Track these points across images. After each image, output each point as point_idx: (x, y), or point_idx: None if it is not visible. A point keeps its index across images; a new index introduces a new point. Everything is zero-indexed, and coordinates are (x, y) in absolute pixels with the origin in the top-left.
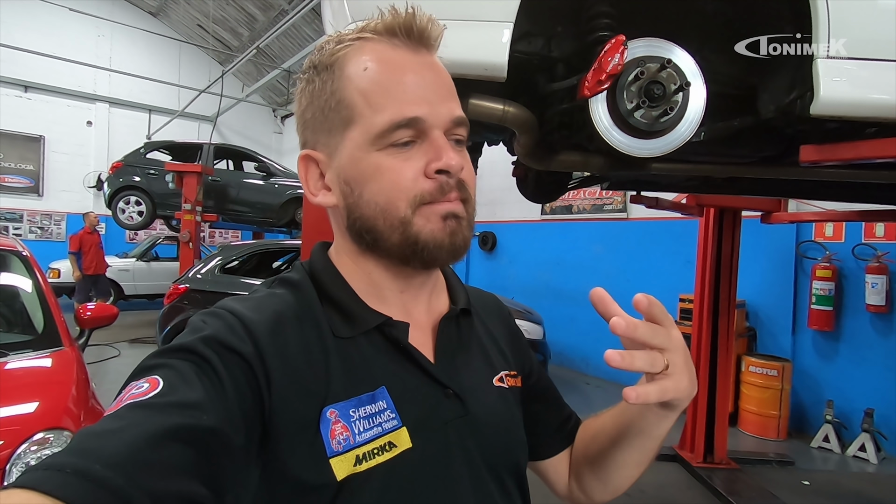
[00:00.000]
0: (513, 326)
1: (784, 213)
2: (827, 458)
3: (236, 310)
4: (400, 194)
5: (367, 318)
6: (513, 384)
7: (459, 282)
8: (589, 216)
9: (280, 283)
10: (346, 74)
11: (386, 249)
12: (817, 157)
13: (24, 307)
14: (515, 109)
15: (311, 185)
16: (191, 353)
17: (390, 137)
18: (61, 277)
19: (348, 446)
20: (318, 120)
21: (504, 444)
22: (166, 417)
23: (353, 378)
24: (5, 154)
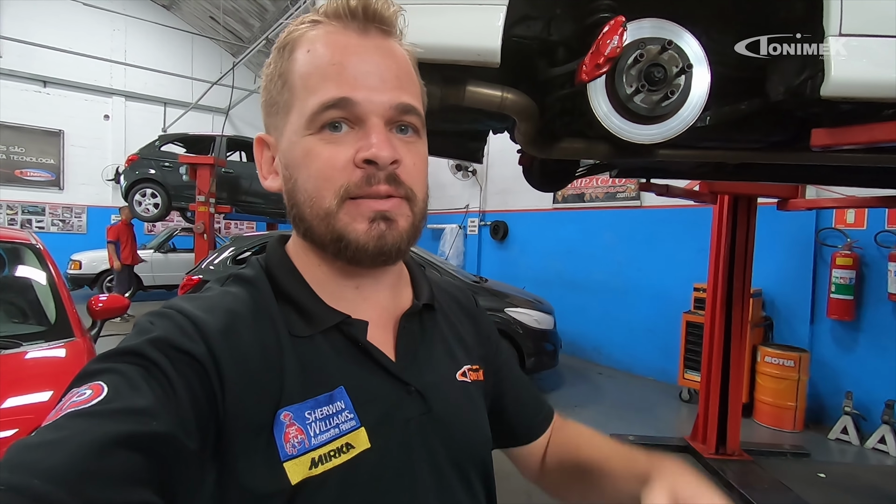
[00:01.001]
0: (481, 320)
1: (801, 199)
2: (845, 450)
3: (186, 310)
4: (326, 183)
5: (325, 317)
6: (475, 378)
7: (423, 276)
8: (601, 204)
9: (234, 281)
10: (293, 58)
11: (318, 242)
12: (829, 141)
13: (37, 299)
14: (514, 96)
15: (263, 168)
16: (138, 357)
17: (320, 118)
18: (82, 269)
19: (303, 449)
20: (269, 103)
21: (468, 440)
22: (112, 425)
23: (310, 378)
24: (27, 149)
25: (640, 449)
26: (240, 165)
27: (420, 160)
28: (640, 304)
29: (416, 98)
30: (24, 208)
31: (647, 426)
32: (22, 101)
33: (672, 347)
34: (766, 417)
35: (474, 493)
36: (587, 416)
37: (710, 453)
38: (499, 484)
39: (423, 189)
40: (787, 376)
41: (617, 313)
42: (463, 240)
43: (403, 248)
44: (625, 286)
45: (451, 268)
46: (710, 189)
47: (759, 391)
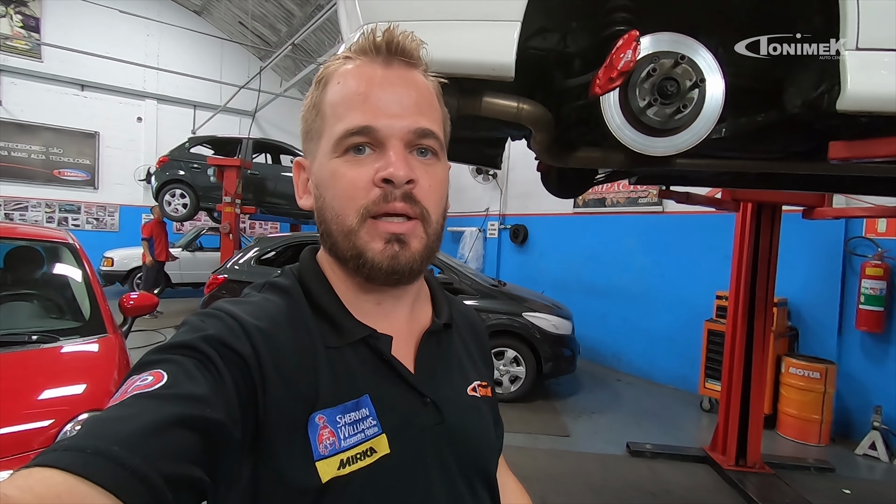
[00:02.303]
0: (485, 342)
1: (828, 208)
2: (872, 466)
3: (234, 312)
4: (350, 202)
5: (354, 330)
6: (484, 393)
7: (444, 295)
8: (623, 209)
9: (271, 289)
10: (326, 89)
11: (341, 257)
12: (847, 154)
13: (73, 296)
14: (530, 107)
15: (300, 188)
16: (193, 350)
17: (345, 143)
18: (114, 266)
19: (334, 450)
20: (305, 130)
21: (476, 451)
22: (173, 407)
23: (339, 386)
24: (64, 149)
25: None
26: (265, 167)
27: (437, 182)
28: (662, 312)
29: (435, 123)
30: (61, 207)
31: (666, 435)
32: (61, 104)
33: (693, 356)
34: (790, 430)
35: (481, 500)
36: (605, 423)
37: (729, 465)
38: None
39: (438, 210)
40: (812, 388)
41: (637, 320)
42: (482, 243)
43: (416, 268)
44: (646, 293)
45: (470, 271)
46: (732, 196)
47: (784, 403)
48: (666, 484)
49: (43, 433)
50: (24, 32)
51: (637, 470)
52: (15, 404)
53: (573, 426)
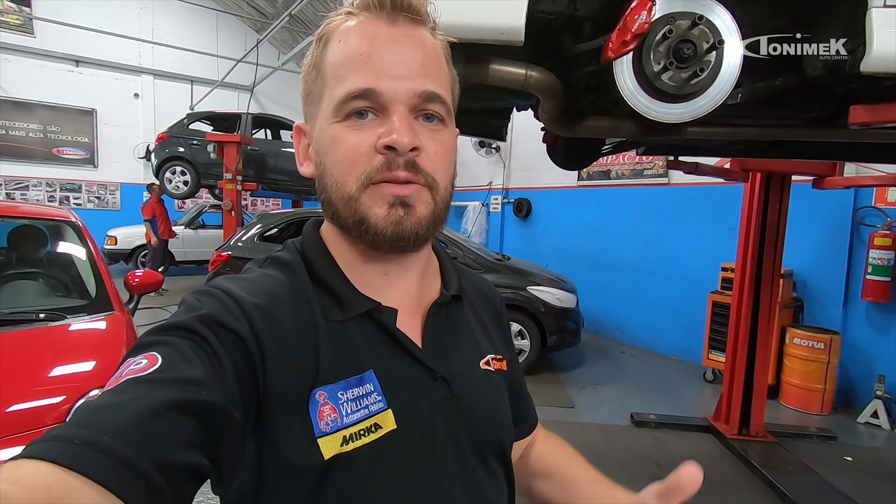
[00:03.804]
0: (502, 314)
1: (839, 177)
2: (874, 434)
3: (231, 290)
4: (351, 168)
5: (358, 303)
6: (499, 367)
7: (453, 266)
8: (628, 182)
9: (272, 264)
10: (326, 48)
11: (343, 225)
12: (869, 118)
13: (78, 274)
14: (539, 74)
15: (300, 155)
16: (188, 331)
17: (346, 108)
18: (118, 244)
19: (336, 427)
20: (306, 92)
21: (489, 426)
22: (168, 391)
23: (342, 361)
24: (62, 127)
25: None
26: (265, 143)
27: (444, 149)
28: (666, 284)
29: (442, 86)
30: (61, 185)
31: (670, 406)
32: (56, 81)
33: (697, 328)
34: (793, 400)
35: (495, 476)
36: (609, 394)
37: (732, 434)
38: None
39: (445, 177)
40: (816, 358)
41: (642, 292)
42: (486, 217)
43: (423, 234)
44: (650, 265)
45: (474, 246)
46: (741, 167)
47: (787, 373)
48: (670, 453)
49: (55, 409)
50: (14, 6)
51: (641, 440)
52: (26, 381)
53: (578, 398)
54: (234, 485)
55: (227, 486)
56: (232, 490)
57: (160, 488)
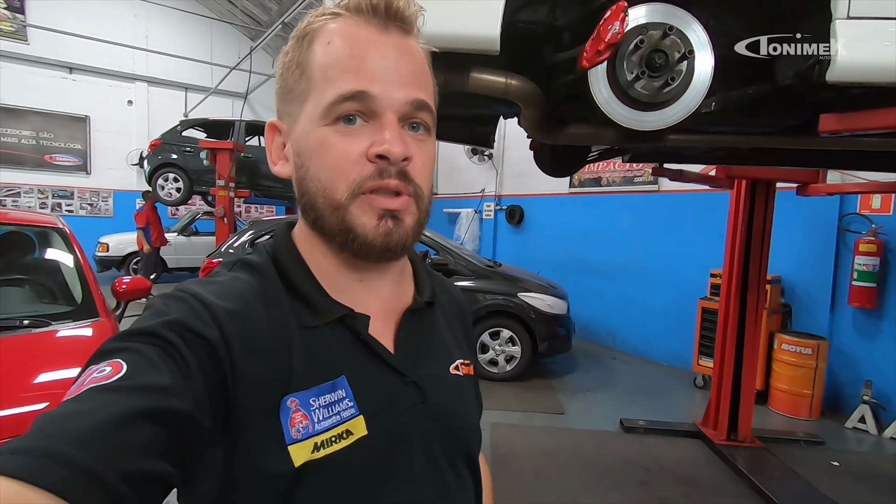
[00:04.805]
0: (468, 319)
1: (822, 184)
2: (862, 439)
3: (200, 294)
4: (340, 175)
5: (330, 310)
6: (467, 372)
7: (427, 271)
8: (618, 189)
9: (242, 267)
10: (312, 48)
11: (327, 232)
12: (838, 126)
13: (65, 280)
14: (519, 82)
15: (273, 153)
16: (155, 337)
17: (336, 110)
18: (110, 251)
19: (307, 434)
20: (284, 90)
21: (459, 430)
22: (133, 400)
23: (314, 367)
24: (55, 134)
25: None
26: (258, 150)
27: (428, 159)
28: (656, 290)
29: (430, 96)
30: (53, 192)
31: (660, 412)
32: (49, 88)
33: (687, 333)
34: (782, 405)
35: (464, 480)
36: (599, 400)
37: (720, 439)
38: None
39: (429, 187)
40: (804, 364)
41: (632, 298)
42: (479, 224)
43: (408, 245)
44: (641, 271)
45: (465, 252)
46: (726, 174)
47: (775, 378)
48: (658, 458)
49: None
50: (8, 14)
51: (630, 445)
52: (11, 387)
53: (568, 404)
54: (201, 493)
55: (194, 494)
56: (199, 498)
57: (124, 498)
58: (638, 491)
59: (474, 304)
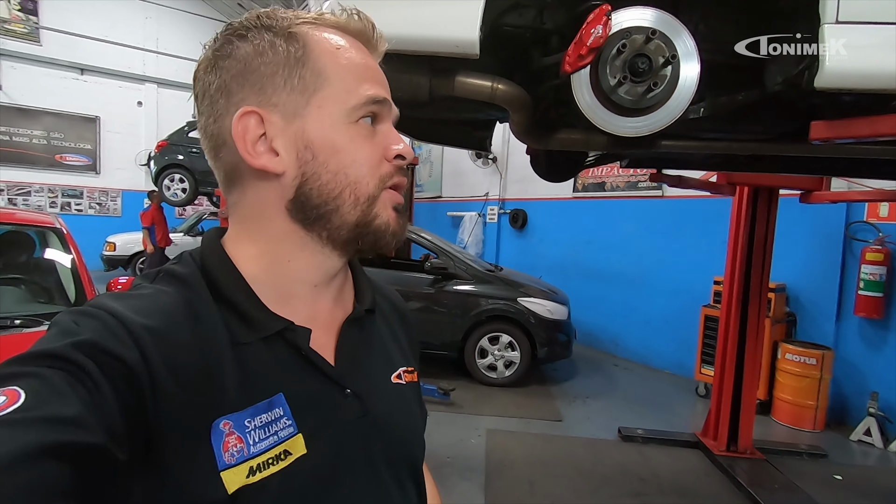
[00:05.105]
0: (410, 325)
1: (826, 192)
2: (867, 452)
3: (117, 310)
4: (373, 171)
5: (268, 324)
6: (410, 379)
7: (367, 279)
8: (622, 194)
9: (166, 279)
10: (318, 46)
11: (335, 226)
12: (829, 134)
13: (59, 280)
14: (505, 87)
15: (250, 145)
16: (61, 360)
17: (362, 111)
18: (117, 250)
19: (242, 458)
20: (274, 82)
21: (403, 441)
22: (33, 434)
23: (249, 386)
24: (65, 134)
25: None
26: None
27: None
28: (659, 297)
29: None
30: (63, 191)
31: (660, 421)
32: (61, 89)
33: (690, 341)
34: (785, 416)
35: (407, 492)
36: (598, 408)
37: (720, 450)
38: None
39: None
40: (808, 374)
41: (635, 305)
42: (482, 228)
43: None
44: (644, 278)
45: (466, 256)
46: (728, 180)
47: (779, 389)
48: (656, 469)
49: None
50: (22, 15)
51: (627, 455)
52: None
53: (566, 411)
54: None
55: None
56: None
57: None
58: (633, 502)
59: (474, 308)
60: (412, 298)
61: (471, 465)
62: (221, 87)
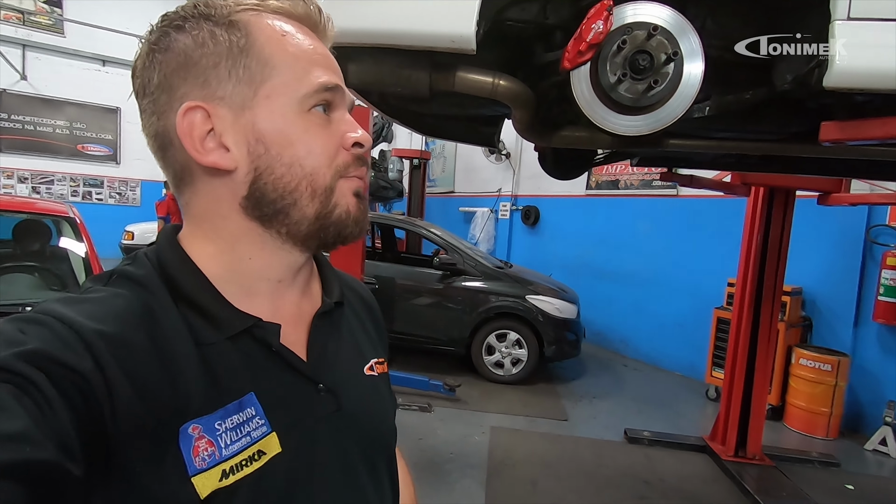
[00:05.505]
0: (378, 315)
1: (844, 194)
2: (881, 462)
3: (67, 317)
4: (327, 160)
5: (234, 322)
6: (382, 371)
7: (333, 271)
8: (636, 192)
9: (120, 280)
10: (262, 34)
11: (295, 220)
12: (839, 135)
13: (71, 268)
14: (507, 83)
15: (198, 142)
16: (5, 373)
17: (314, 99)
18: (135, 239)
19: (213, 462)
20: (218, 74)
21: (377, 433)
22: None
23: (218, 387)
24: (87, 124)
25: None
26: None
27: None
28: (672, 297)
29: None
30: (85, 181)
31: (668, 423)
32: (83, 80)
33: (702, 343)
34: (798, 422)
35: (381, 484)
36: (605, 408)
37: (728, 455)
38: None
39: None
40: (822, 381)
41: (647, 305)
42: (494, 224)
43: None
44: (656, 278)
45: (476, 252)
46: (742, 180)
47: (792, 394)
48: (661, 472)
49: None
50: (46, 7)
51: (632, 457)
52: None
53: (572, 410)
54: None
55: None
56: None
57: None
58: None
59: (482, 304)
60: (421, 293)
61: (473, 462)
62: (162, 82)
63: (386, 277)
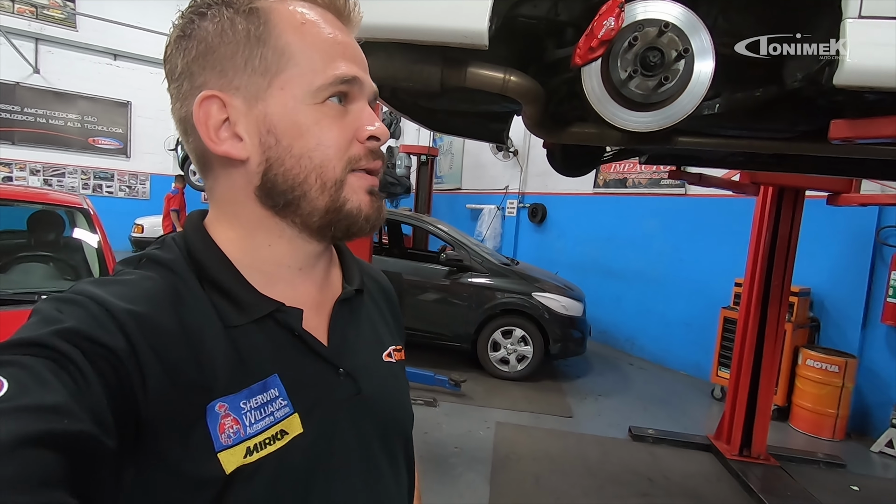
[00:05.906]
0: (396, 303)
1: (855, 194)
2: (888, 464)
3: (100, 297)
4: (338, 153)
5: (259, 306)
6: (399, 358)
7: (354, 259)
8: (644, 191)
9: (149, 264)
10: (281, 22)
11: (306, 212)
12: (849, 133)
13: (85, 258)
14: (518, 78)
15: (213, 131)
16: (44, 349)
17: (330, 91)
18: (144, 232)
19: (239, 439)
20: (234, 64)
21: (395, 418)
22: (18, 424)
23: (243, 368)
24: (98, 118)
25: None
26: None
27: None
28: (679, 297)
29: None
30: (95, 174)
31: (673, 422)
32: (95, 73)
33: (708, 343)
34: (804, 423)
35: (398, 465)
36: (610, 406)
37: (733, 455)
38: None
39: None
40: (829, 382)
41: (653, 304)
42: (501, 221)
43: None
44: (663, 277)
45: (483, 249)
46: (751, 179)
47: (798, 395)
48: (665, 470)
49: None
50: (59, 1)
51: (637, 454)
52: None
53: (577, 408)
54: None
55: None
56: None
57: None
58: (640, 502)
59: (488, 301)
60: (427, 289)
61: (478, 457)
62: (184, 69)
63: (393, 273)
